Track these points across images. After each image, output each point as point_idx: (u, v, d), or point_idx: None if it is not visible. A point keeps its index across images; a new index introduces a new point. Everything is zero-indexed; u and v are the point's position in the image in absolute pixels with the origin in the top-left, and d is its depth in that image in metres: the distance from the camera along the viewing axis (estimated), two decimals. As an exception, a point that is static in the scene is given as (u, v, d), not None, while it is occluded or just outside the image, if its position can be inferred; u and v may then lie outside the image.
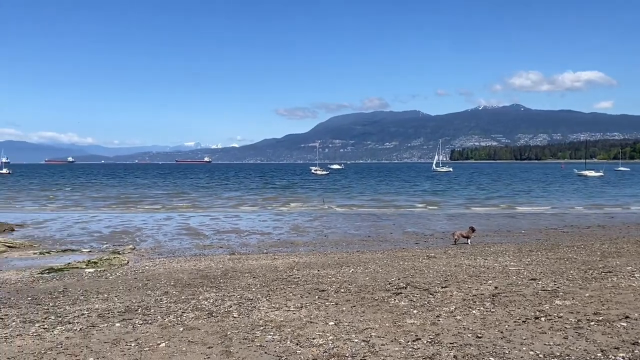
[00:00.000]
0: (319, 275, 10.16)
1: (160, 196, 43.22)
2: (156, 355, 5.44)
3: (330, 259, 12.77)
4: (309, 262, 12.10)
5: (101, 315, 7.12)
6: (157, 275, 10.64)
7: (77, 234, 19.54)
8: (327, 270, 10.79)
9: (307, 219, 24.60)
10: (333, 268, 11.05)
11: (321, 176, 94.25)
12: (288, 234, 19.17)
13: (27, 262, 12.99)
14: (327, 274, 10.21)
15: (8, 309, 7.70)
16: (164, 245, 16.45)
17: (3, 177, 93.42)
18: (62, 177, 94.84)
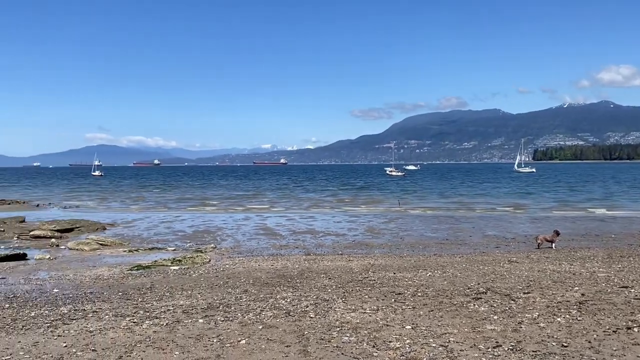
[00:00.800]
0: (395, 278, 10.08)
1: (239, 197, 44.56)
2: (237, 351, 5.62)
3: (406, 261, 12.63)
4: (385, 265, 12.03)
5: (185, 312, 7.46)
6: (237, 273, 10.99)
7: (163, 233, 20.55)
8: (404, 273, 10.67)
9: (382, 221, 24.45)
10: (409, 271, 10.92)
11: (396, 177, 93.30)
12: (363, 236, 19.15)
13: (117, 259, 13.83)
14: (403, 277, 10.11)
15: (101, 303, 8.24)
16: (243, 245, 16.95)
17: (96, 179, 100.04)
18: (150, 178, 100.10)
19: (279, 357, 5.44)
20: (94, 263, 13.11)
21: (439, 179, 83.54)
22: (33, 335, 6.32)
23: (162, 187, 65.40)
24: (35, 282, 10.41)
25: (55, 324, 6.83)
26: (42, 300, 8.52)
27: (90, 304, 8.19)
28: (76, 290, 9.38)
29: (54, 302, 8.34)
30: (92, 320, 7.02)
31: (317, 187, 61.66)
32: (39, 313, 7.55)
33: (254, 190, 54.82)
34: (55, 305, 8.09)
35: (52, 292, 9.28)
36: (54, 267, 12.45)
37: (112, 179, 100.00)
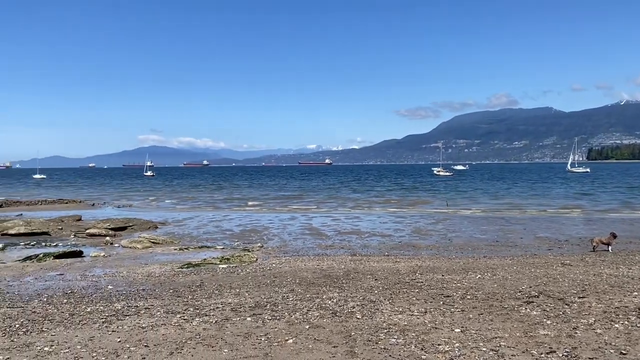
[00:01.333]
0: (444, 280, 9.91)
1: (285, 197, 44.94)
2: (284, 350, 5.66)
3: (454, 263, 12.40)
4: (433, 267, 11.85)
5: (234, 310, 7.57)
6: (284, 273, 11.07)
7: (212, 232, 20.97)
8: (452, 275, 10.48)
9: (430, 222, 24.11)
10: (458, 273, 10.71)
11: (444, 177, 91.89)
12: (410, 237, 18.93)
13: (168, 257, 14.19)
14: (452, 280, 9.93)
15: (153, 300, 8.47)
16: (289, 245, 17.08)
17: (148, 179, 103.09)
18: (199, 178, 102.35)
19: (326, 358, 5.44)
20: (146, 261, 13.49)
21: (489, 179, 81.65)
22: (89, 330, 6.56)
23: (211, 187, 66.72)
24: (91, 278, 10.81)
25: (109, 320, 7.07)
26: (97, 296, 8.83)
27: (143, 300, 8.43)
28: (129, 287, 9.68)
29: (109, 298, 8.63)
30: (145, 317, 7.22)
31: (362, 187, 61.42)
32: (94, 309, 7.83)
33: (299, 190, 55.17)
34: (110, 302, 8.37)
35: (106, 288, 9.61)
36: (109, 264, 12.89)
37: (163, 179, 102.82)
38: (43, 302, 8.36)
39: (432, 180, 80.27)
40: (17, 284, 10.12)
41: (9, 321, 7.03)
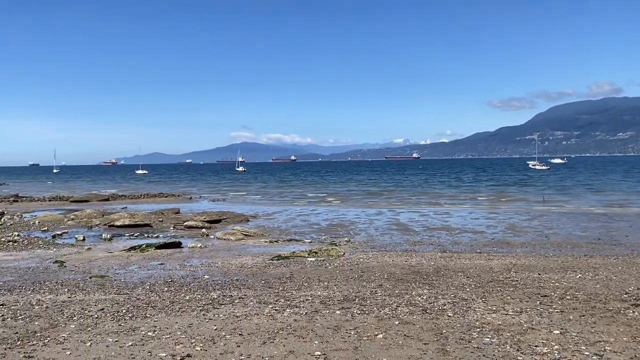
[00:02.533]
0: (540, 279, 9.43)
1: (372, 192, 44.83)
2: (374, 345, 5.65)
3: (552, 262, 11.76)
4: (528, 265, 11.31)
5: (323, 302, 7.67)
6: (371, 268, 11.05)
7: (299, 226, 21.37)
8: (550, 274, 9.95)
9: (525, 218, 23.02)
10: (556, 272, 10.15)
11: (540, 171, 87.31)
12: (503, 234, 18.19)
13: (259, 249, 14.64)
14: (549, 279, 9.43)
15: (246, 290, 8.78)
16: (376, 240, 17.01)
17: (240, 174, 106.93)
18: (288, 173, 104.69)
19: (417, 354, 5.37)
20: (239, 252, 14.00)
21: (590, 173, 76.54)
22: (188, 317, 6.92)
23: (298, 181, 68.02)
24: (189, 268, 11.39)
25: (206, 308, 7.42)
26: (195, 285, 9.29)
27: (237, 290, 8.76)
28: (224, 277, 10.09)
29: (205, 288, 9.05)
30: (239, 306, 7.51)
31: (452, 181, 59.84)
32: (192, 297, 8.25)
33: (386, 185, 54.79)
34: (206, 290, 8.77)
35: (203, 278, 10.09)
36: (205, 255, 13.53)
37: (253, 174, 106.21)
38: (146, 290, 8.93)
39: (527, 174, 76.54)
40: (123, 272, 10.89)
41: (116, 307, 7.58)
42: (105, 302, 7.92)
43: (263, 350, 5.55)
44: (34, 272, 10.91)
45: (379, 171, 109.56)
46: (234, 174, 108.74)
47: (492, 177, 70.59)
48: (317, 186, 56.02)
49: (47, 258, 12.86)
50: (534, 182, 55.38)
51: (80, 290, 8.93)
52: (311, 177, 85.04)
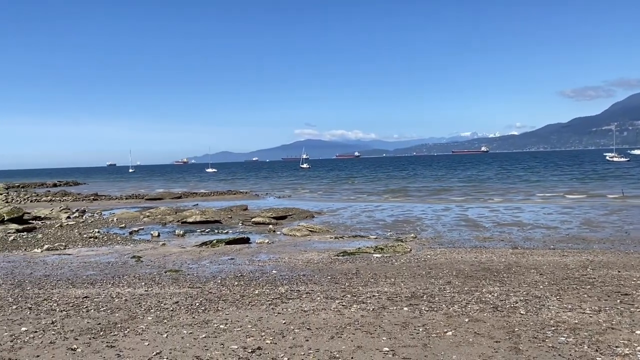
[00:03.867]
0: (620, 276, 8.94)
1: (438, 187, 44.03)
2: (443, 342, 5.57)
3: (633, 259, 11.10)
4: (606, 262, 10.73)
5: (390, 299, 7.63)
6: (439, 264, 10.87)
7: (365, 222, 21.33)
8: (631, 271, 9.40)
9: (602, 213, 21.85)
10: (638, 270, 9.58)
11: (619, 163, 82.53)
12: (578, 229, 17.36)
13: (325, 245, 14.74)
14: (630, 276, 8.91)
15: (313, 285, 8.88)
16: (443, 236, 16.70)
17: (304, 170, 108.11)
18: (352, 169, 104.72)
19: (488, 352, 5.24)
20: (305, 248, 14.17)
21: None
22: (257, 311, 7.09)
23: (363, 177, 67.89)
24: (257, 263, 11.65)
25: (275, 302, 7.57)
26: (263, 280, 9.50)
27: (304, 285, 8.88)
28: (291, 272, 10.25)
29: (273, 282, 9.24)
30: (306, 301, 7.61)
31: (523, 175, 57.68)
32: (261, 291, 8.44)
33: (453, 180, 53.61)
34: (275, 285, 8.95)
35: (271, 273, 10.29)
36: (272, 250, 13.79)
37: (318, 170, 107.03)
38: (217, 284, 9.22)
39: (604, 167, 72.55)
40: (195, 267, 11.30)
41: (190, 300, 7.88)
42: (180, 295, 8.25)
43: (331, 344, 5.60)
44: (113, 266, 11.53)
45: (446, 166, 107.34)
46: (299, 170, 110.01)
47: (566, 170, 67.42)
48: (382, 182, 55.67)
49: (125, 253, 13.55)
50: (611, 175, 52.41)
51: (156, 284, 9.35)
52: (375, 172, 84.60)
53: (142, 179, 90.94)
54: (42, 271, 10.88)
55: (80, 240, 16.25)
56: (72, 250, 14.35)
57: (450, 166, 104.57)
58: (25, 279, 9.94)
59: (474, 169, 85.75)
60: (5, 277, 10.16)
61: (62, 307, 7.56)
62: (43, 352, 5.53)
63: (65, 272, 10.72)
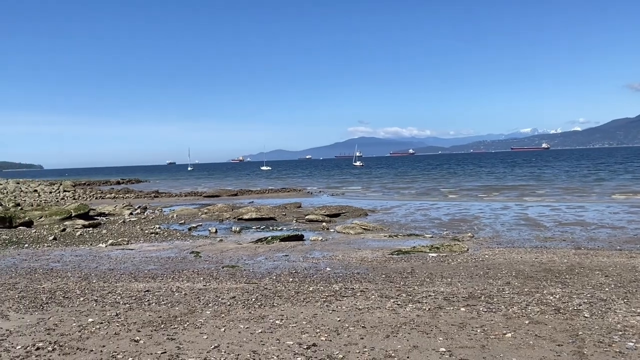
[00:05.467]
0: (695, 280, 8.41)
1: (496, 185, 42.87)
2: (502, 344, 5.42)
3: None
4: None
5: (446, 299, 7.50)
6: (497, 264, 10.58)
7: (419, 220, 21.05)
8: None
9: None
10: None
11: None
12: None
13: (379, 243, 14.66)
14: None
15: (367, 284, 8.84)
16: (502, 235, 16.25)
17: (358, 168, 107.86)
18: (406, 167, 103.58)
19: (550, 356, 5.05)
20: (359, 246, 14.14)
21: None
22: (312, 308, 7.14)
23: (417, 175, 67.02)
24: (311, 260, 11.73)
25: (329, 300, 7.60)
26: (317, 277, 9.55)
27: (358, 283, 8.86)
28: (345, 270, 10.26)
29: (328, 280, 9.27)
30: (361, 299, 7.59)
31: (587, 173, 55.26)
32: (315, 288, 8.49)
33: (512, 178, 52.04)
34: (329, 282, 8.98)
35: (325, 270, 10.33)
36: (326, 247, 13.84)
37: (371, 168, 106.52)
38: (273, 280, 9.35)
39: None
40: (251, 263, 11.49)
41: (246, 295, 8.03)
42: (237, 290, 8.42)
43: (387, 343, 5.56)
44: (173, 261, 11.90)
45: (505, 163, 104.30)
46: (352, 168, 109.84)
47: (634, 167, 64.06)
48: (437, 180, 54.76)
49: (185, 249, 13.95)
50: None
51: (214, 279, 9.58)
52: (431, 170, 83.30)
53: (200, 177, 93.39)
54: (106, 265, 11.37)
55: (142, 236, 16.87)
56: (134, 245, 14.92)
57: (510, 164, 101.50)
58: (92, 273, 10.42)
59: (534, 166, 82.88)
60: (73, 270, 10.68)
61: (126, 300, 7.88)
62: (108, 342, 5.78)
63: (128, 266, 11.16)
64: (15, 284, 9.27)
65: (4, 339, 5.90)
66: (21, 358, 5.27)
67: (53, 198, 39.20)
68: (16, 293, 8.42)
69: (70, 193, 45.14)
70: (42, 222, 20.00)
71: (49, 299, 7.96)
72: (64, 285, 9.11)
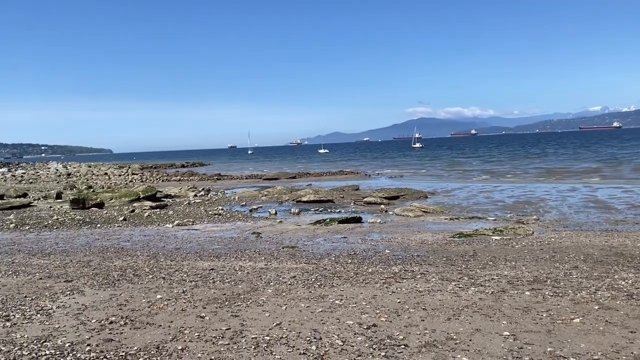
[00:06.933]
0: None
1: (560, 166, 41.15)
2: (570, 330, 5.24)
3: None
4: None
5: (510, 282, 7.31)
6: (564, 248, 10.20)
7: (482, 203, 20.54)
8: None
9: None
10: None
11: None
12: None
13: (439, 226, 14.44)
14: None
15: (428, 266, 8.75)
16: (569, 218, 15.62)
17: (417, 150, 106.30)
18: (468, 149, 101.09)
19: (622, 343, 4.84)
20: (418, 228, 13.99)
21: None
22: (371, 289, 7.15)
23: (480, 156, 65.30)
24: (370, 242, 11.72)
25: (389, 281, 7.58)
26: (376, 259, 9.54)
27: (418, 266, 8.79)
28: (404, 253, 10.19)
29: (387, 262, 9.24)
30: (421, 282, 7.53)
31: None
32: (374, 270, 8.49)
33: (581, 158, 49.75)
34: (388, 265, 8.95)
35: (384, 252, 10.30)
36: (384, 230, 13.79)
37: (431, 150, 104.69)
38: (332, 261, 9.43)
39: None
40: (310, 244, 11.63)
41: (306, 275, 8.14)
42: (296, 270, 8.55)
43: (448, 326, 5.50)
44: (235, 241, 12.22)
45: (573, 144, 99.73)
46: (411, 150, 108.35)
47: None
48: (500, 161, 53.16)
49: (246, 229, 14.29)
50: None
51: (275, 259, 9.77)
52: (494, 151, 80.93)
53: (260, 160, 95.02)
54: (173, 244, 11.83)
55: (206, 217, 17.40)
56: (199, 225, 15.43)
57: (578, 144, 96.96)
58: (159, 252, 10.88)
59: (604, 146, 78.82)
60: (142, 249, 11.19)
61: (192, 277, 8.17)
62: (176, 318, 6.03)
63: (193, 246, 11.57)
64: (90, 261, 9.82)
65: (81, 313, 6.27)
66: (96, 331, 5.59)
67: (122, 180, 41.07)
68: (90, 270, 8.92)
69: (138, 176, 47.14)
70: (113, 204, 21.01)
71: (120, 276, 8.38)
72: (134, 263, 9.56)
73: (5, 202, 21.60)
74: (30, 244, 12.23)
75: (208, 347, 5.05)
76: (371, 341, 5.12)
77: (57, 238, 13.12)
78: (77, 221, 16.34)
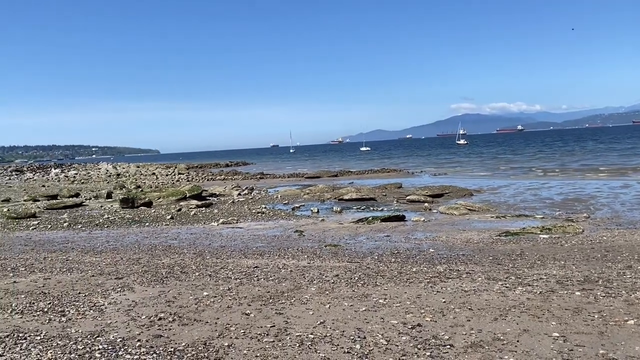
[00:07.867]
0: None
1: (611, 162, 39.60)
2: (624, 332, 5.05)
3: None
4: None
5: (560, 282, 7.10)
6: (617, 247, 9.83)
7: (529, 200, 20.01)
8: None
9: None
10: None
11: None
12: None
13: (485, 225, 14.16)
14: None
15: (473, 265, 8.60)
16: (622, 215, 15.03)
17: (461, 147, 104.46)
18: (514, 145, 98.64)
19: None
20: (464, 227, 13.75)
21: None
22: (415, 289, 7.08)
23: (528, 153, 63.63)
24: (414, 241, 11.61)
25: (433, 281, 7.49)
26: (420, 258, 9.44)
27: (463, 265, 8.65)
28: (449, 251, 10.04)
29: (431, 261, 9.14)
30: (466, 281, 7.40)
31: None
32: (419, 269, 8.40)
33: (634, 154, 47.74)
34: (432, 264, 8.85)
35: (428, 251, 10.19)
36: (428, 228, 13.63)
37: (476, 146, 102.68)
38: (375, 260, 9.39)
39: None
40: (352, 242, 11.62)
41: (349, 274, 8.14)
42: (339, 269, 8.56)
43: (494, 326, 5.40)
44: (278, 239, 12.34)
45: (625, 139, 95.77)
46: (455, 147, 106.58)
47: None
48: (548, 157, 51.64)
49: (289, 228, 14.41)
50: None
51: (317, 257, 9.82)
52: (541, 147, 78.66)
53: (301, 159, 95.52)
54: (218, 242, 12.05)
55: (250, 215, 17.65)
56: (243, 224, 15.66)
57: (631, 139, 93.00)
58: (205, 249, 11.10)
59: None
60: (189, 247, 11.45)
61: (237, 275, 8.31)
62: (222, 315, 6.15)
63: (237, 244, 11.75)
64: (139, 259, 10.12)
65: (131, 309, 6.48)
66: (146, 327, 5.76)
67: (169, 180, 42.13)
68: (140, 267, 9.19)
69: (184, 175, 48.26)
70: (160, 203, 21.58)
71: (168, 273, 8.60)
72: (181, 261, 9.79)
73: (59, 201, 22.54)
74: (83, 242, 12.72)
75: (253, 344, 5.13)
76: (416, 341, 5.08)
77: (108, 236, 13.58)
78: (127, 220, 16.87)
